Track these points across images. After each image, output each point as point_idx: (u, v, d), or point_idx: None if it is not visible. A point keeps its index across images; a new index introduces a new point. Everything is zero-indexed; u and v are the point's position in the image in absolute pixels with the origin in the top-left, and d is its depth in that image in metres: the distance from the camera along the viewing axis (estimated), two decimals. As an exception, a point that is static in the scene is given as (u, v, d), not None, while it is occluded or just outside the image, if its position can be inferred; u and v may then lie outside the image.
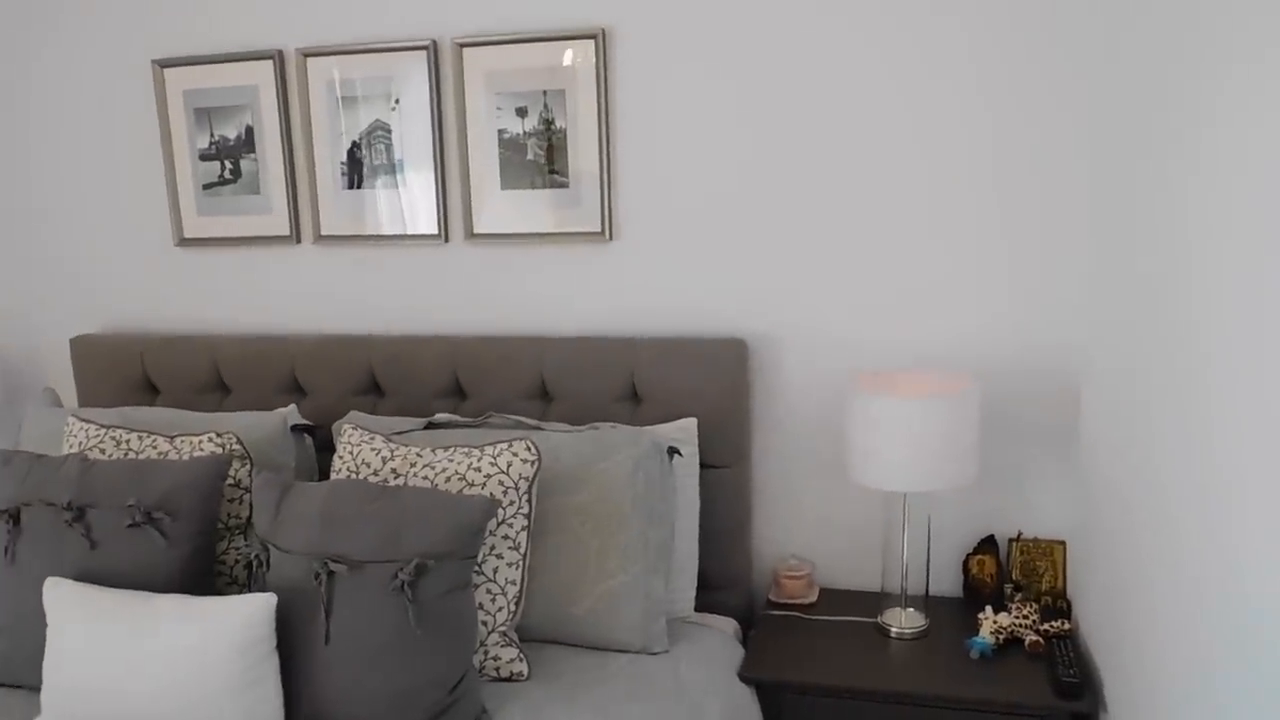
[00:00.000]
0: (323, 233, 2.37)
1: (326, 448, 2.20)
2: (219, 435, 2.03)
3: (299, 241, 2.40)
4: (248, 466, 2.02)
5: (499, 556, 1.82)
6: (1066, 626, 1.95)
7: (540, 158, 2.22)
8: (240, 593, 1.93)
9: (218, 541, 1.96)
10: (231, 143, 2.39)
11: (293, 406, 2.24)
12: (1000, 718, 1.80)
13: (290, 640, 1.65)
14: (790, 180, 2.10)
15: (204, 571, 1.87)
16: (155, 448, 2.03)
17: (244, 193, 2.40)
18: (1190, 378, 1.36)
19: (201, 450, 2.00)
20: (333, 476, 1.97)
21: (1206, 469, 1.29)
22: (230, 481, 1.99)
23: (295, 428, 2.17)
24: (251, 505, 1.95)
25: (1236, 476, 1.19)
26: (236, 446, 2.02)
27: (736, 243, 2.16)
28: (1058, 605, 2.03)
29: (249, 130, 2.36)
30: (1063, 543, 2.09)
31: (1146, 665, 1.55)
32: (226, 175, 2.41)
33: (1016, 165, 2.00)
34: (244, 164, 2.39)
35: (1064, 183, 1.98)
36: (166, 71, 2.38)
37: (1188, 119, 1.37)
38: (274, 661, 1.63)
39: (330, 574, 1.65)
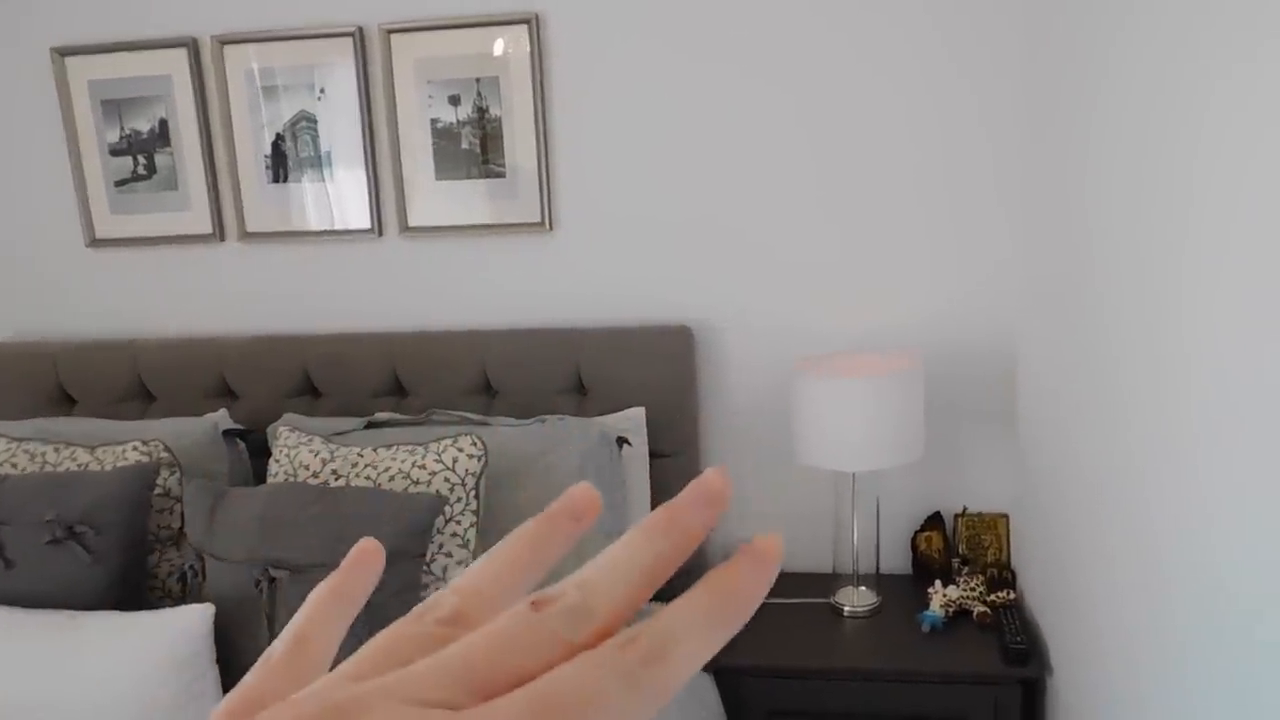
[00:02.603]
0: (248, 229, 2.28)
1: (261, 453, 2.11)
2: (144, 443, 1.93)
3: (223, 240, 2.30)
4: (177, 475, 1.92)
5: (448, 555, 1.77)
6: (1012, 596, 1.99)
7: (475, 147, 2.17)
8: (175, 606, 1.84)
9: (148, 555, 1.86)
10: (144, 136, 2.27)
11: (223, 411, 2.15)
12: (953, 687, 1.83)
13: (232, 651, 1.58)
14: (732, 166, 2.10)
15: (134, 586, 1.78)
16: (74, 459, 1.92)
17: (160, 189, 2.29)
18: (1113, 355, 1.40)
19: (125, 460, 1.90)
20: (269, 481, 1.90)
21: (1129, 441, 1.33)
22: (159, 491, 1.89)
23: (227, 433, 2.08)
24: (183, 515, 1.86)
25: (1155, 449, 1.23)
26: (164, 454, 1.93)
27: (679, 230, 2.14)
28: (1003, 576, 2.07)
29: (163, 123, 2.25)
30: (1005, 516, 2.13)
31: (1086, 629, 1.60)
32: (140, 171, 2.30)
33: (953, 151, 2.02)
34: (159, 159, 2.28)
35: (1000, 167, 2.01)
36: (69, 60, 2.25)
37: (1110, 105, 1.40)
38: (214, 674, 1.56)
39: (272, 581, 1.59)
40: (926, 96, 2.01)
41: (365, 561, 0.34)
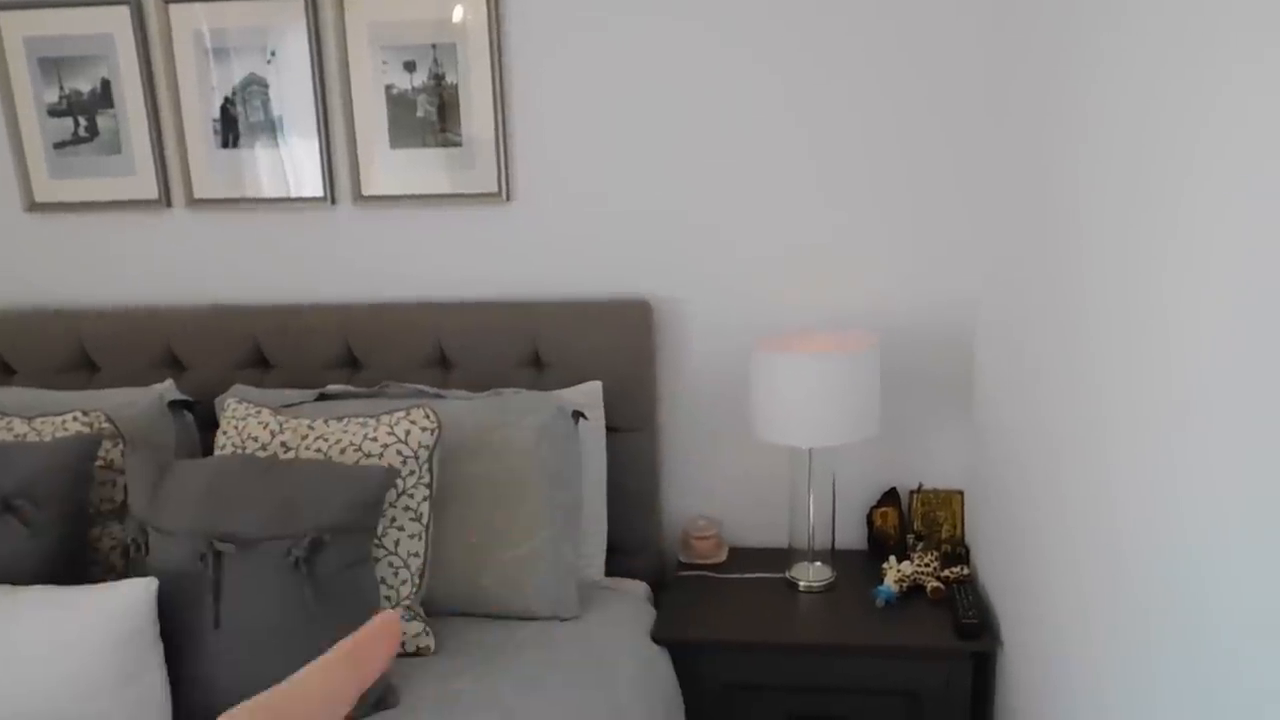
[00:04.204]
0: (196, 196, 2.21)
1: (210, 425, 2.06)
2: (85, 414, 1.87)
3: (169, 205, 2.23)
4: (120, 446, 1.87)
5: (400, 528, 1.74)
6: (966, 572, 2.00)
7: (431, 115, 2.12)
8: (118, 580, 1.79)
9: (89, 528, 1.81)
10: (85, 97, 2.19)
11: (170, 382, 2.09)
12: (906, 661, 1.84)
13: (176, 627, 1.54)
14: (694, 141, 2.07)
15: (75, 561, 1.73)
16: (11, 430, 1.86)
17: (103, 153, 2.21)
18: (1069, 334, 1.40)
19: (65, 431, 1.84)
20: (217, 453, 1.85)
21: (1083, 419, 1.33)
22: (101, 463, 1.83)
23: (173, 404, 2.03)
24: (126, 487, 1.81)
25: (1109, 431, 1.24)
26: (106, 425, 1.87)
27: (639, 204, 2.11)
28: (957, 552, 2.09)
29: (105, 83, 2.17)
30: (960, 492, 2.15)
31: (1036, 604, 1.62)
32: (82, 133, 2.21)
33: (912, 133, 2.02)
34: (101, 120, 2.20)
35: (959, 148, 2.01)
36: (3, 15, 2.14)
37: (1070, 87, 1.40)
38: (158, 650, 1.52)
39: (218, 554, 1.55)
40: (887, 79, 2.00)
41: (383, 634, 0.37)
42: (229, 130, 2.17)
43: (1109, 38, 1.28)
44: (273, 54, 2.12)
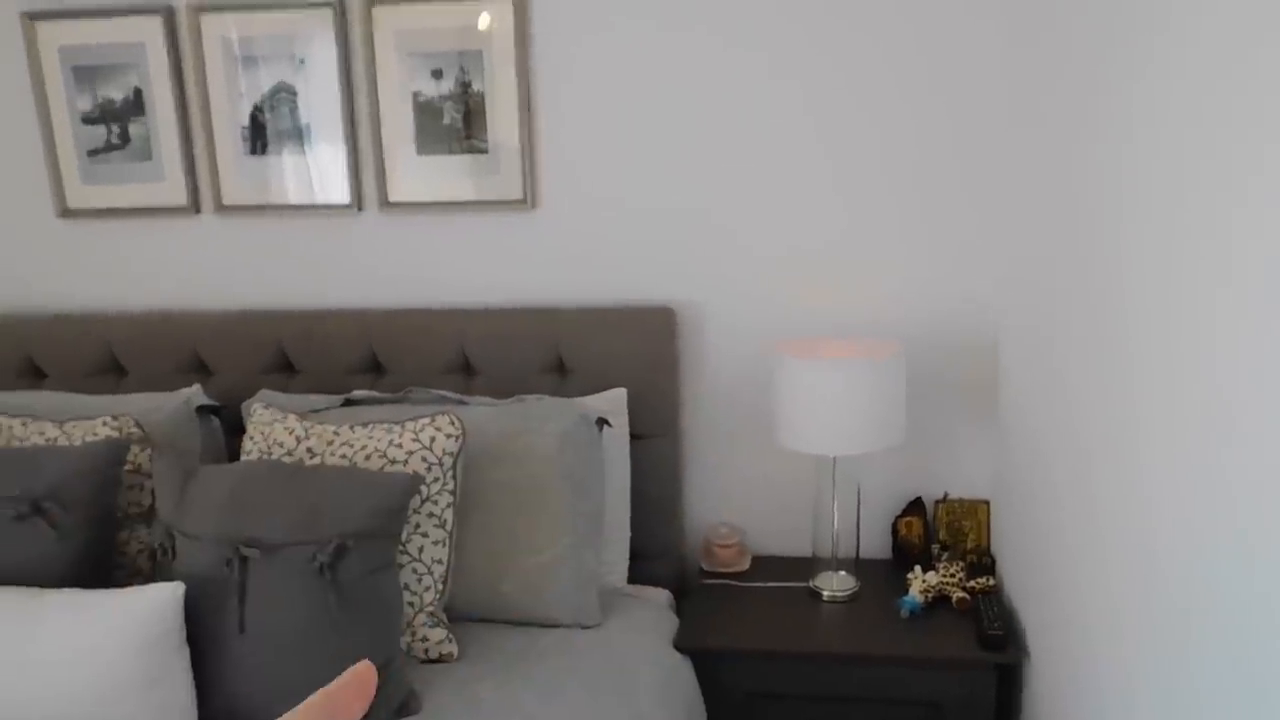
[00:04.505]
0: (224, 202, 2.23)
1: (236, 430, 2.08)
2: (115, 419, 1.90)
3: (198, 212, 2.25)
4: (148, 451, 1.89)
5: (424, 535, 1.75)
6: (991, 583, 1.98)
7: (458, 122, 2.13)
8: (144, 584, 1.81)
9: (117, 532, 1.83)
10: (118, 105, 2.22)
11: (197, 387, 2.11)
12: (929, 672, 1.82)
13: (201, 631, 1.56)
14: (718, 148, 2.07)
15: (102, 564, 1.75)
16: (43, 434, 1.89)
17: (134, 160, 2.24)
18: (1093, 343, 1.38)
19: (95, 435, 1.87)
20: (243, 458, 1.87)
21: (1110, 428, 1.31)
22: (129, 467, 1.85)
23: (201, 409, 2.04)
24: (154, 491, 1.83)
25: (1145, 434, 1.22)
26: (135, 430, 1.89)
27: (662, 210, 2.11)
28: (983, 563, 2.07)
29: (137, 92, 2.20)
30: (986, 502, 2.13)
31: (1064, 616, 1.59)
32: (114, 141, 2.24)
33: (936, 141, 2.00)
34: (133, 128, 2.23)
35: (979, 146, 1.99)
36: (39, 25, 2.19)
37: (1091, 97, 1.38)
38: (184, 654, 1.53)
39: (243, 559, 1.56)
40: (904, 83, 1.99)
41: (357, 685, 0.37)
42: (257, 137, 2.19)
43: (1154, 39, 1.26)
44: (301, 62, 2.14)
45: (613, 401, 2.04)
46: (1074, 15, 1.57)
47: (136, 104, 2.21)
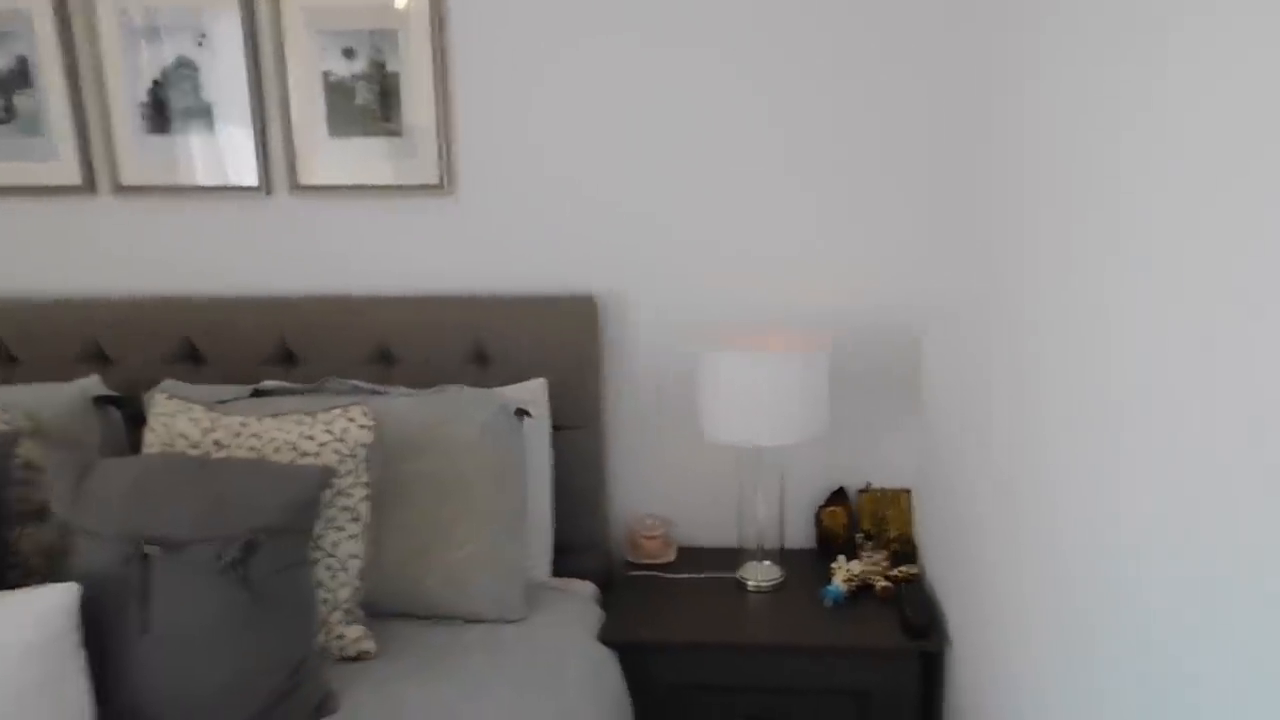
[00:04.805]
0: (123, 183, 2.11)
1: (138, 423, 1.97)
2: (3, 410, 1.77)
3: (95, 192, 2.13)
4: (41, 444, 1.77)
5: (339, 529, 1.68)
6: (914, 571, 2.01)
7: (371, 103, 2.06)
8: (40, 584, 1.70)
9: (8, 530, 1.71)
10: (2, 76, 2.08)
11: (95, 377, 1.99)
12: (854, 661, 1.83)
13: (101, 633, 1.46)
14: (641, 135, 2.04)
15: (-9, 565, 1.63)
16: (-78, 428, 1.75)
17: (21, 135, 2.10)
18: (1013, 337, 1.41)
19: (-19, 428, 1.74)
20: (144, 451, 1.77)
21: (1027, 420, 1.34)
22: (19, 462, 1.74)
23: (99, 400, 1.93)
24: (48, 487, 1.72)
25: (1052, 428, 1.25)
26: (25, 422, 1.77)
27: (586, 198, 2.08)
28: (905, 551, 2.09)
29: (22, 61, 2.06)
30: (908, 491, 2.15)
31: (983, 603, 1.62)
32: (-1, 114, 2.10)
33: (862, 136, 2.01)
34: (18, 101, 2.08)
35: (908, 153, 2.01)
36: (-86, -9, 2.04)
37: (1014, 95, 1.40)
38: (79, 658, 1.43)
39: (144, 557, 1.48)
40: (838, 81, 1.99)
41: None
42: (158, 114, 2.08)
43: (1044, 56, 1.28)
44: (204, 36, 2.04)
45: (533, 392, 2.00)
46: (988, 35, 1.58)
47: (22, 75, 2.07)
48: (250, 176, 2.10)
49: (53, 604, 1.42)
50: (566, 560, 2.06)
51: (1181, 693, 0.93)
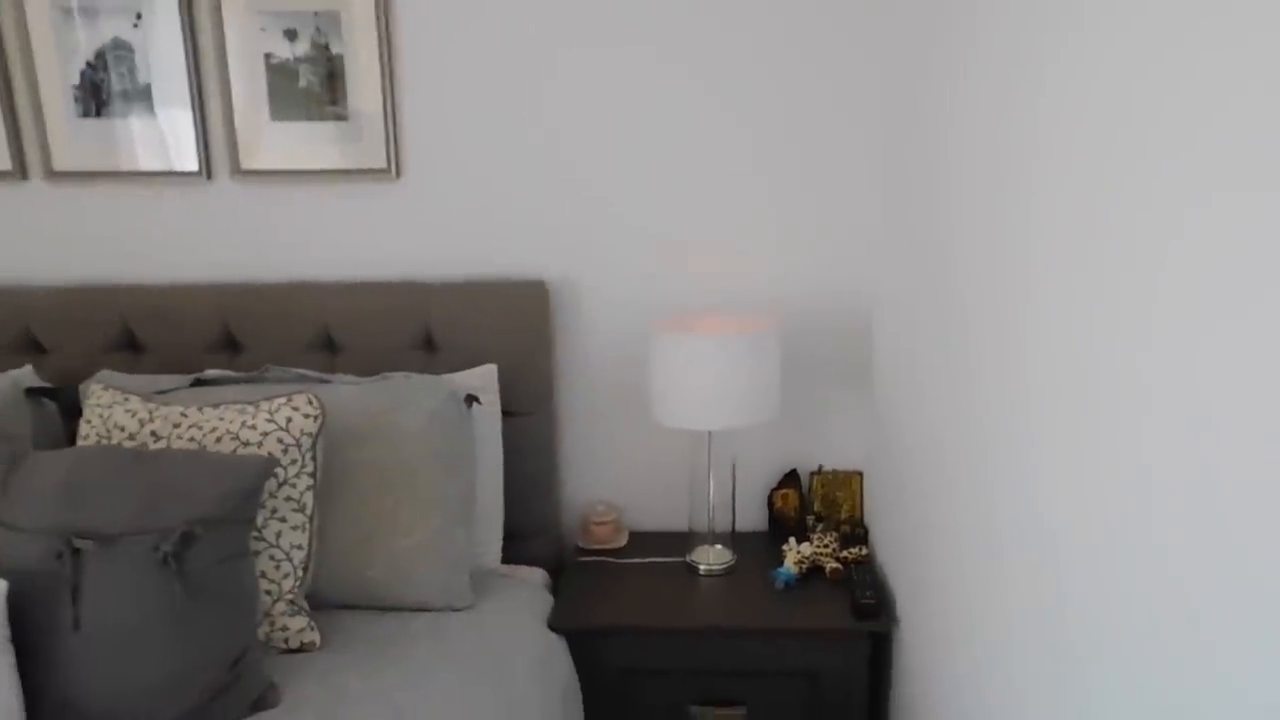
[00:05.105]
0: (55, 168, 2.05)
1: (75, 415, 1.92)
2: (-71, 402, 1.72)
3: (25, 178, 2.07)
4: (-32, 437, 1.72)
5: (282, 520, 1.65)
6: (864, 552, 2.02)
7: (315, 86, 2.01)
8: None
9: (-66, 526, 1.66)
10: (-73, 58, 2.01)
11: (28, 368, 1.94)
12: (805, 642, 1.84)
13: (29, 630, 1.43)
14: (590, 119, 2.02)
15: (-84, 562, 1.58)
16: None
17: (-53, 119, 2.04)
18: (961, 321, 1.41)
19: (-94, 420, 1.69)
20: (79, 444, 1.73)
21: (972, 404, 1.34)
22: (-54, 455, 1.68)
23: (31, 391, 1.88)
24: (-24, 481, 1.67)
25: (995, 412, 1.25)
26: (-48, 414, 1.72)
27: (535, 182, 2.05)
28: (856, 533, 2.10)
29: (-53, 42, 2.00)
30: (859, 474, 2.16)
31: (930, 583, 1.63)
32: (-74, 99, 2.03)
33: (813, 119, 2.00)
34: (-55, 84, 2.02)
35: (859, 135, 2.01)
36: None
37: (964, 79, 1.41)
38: (8, 657, 1.40)
39: (76, 551, 1.44)
40: (789, 64, 1.98)
41: None
42: (92, 97, 2.02)
43: (967, 51, 1.28)
44: (139, 16, 1.98)
45: (483, 378, 1.98)
46: (921, 30, 1.59)
47: (-52, 57, 2.00)
48: (190, 161, 2.05)
49: (-20, 600, 1.38)
50: (517, 546, 2.05)
51: (1092, 678, 0.94)
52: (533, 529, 2.08)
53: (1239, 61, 0.70)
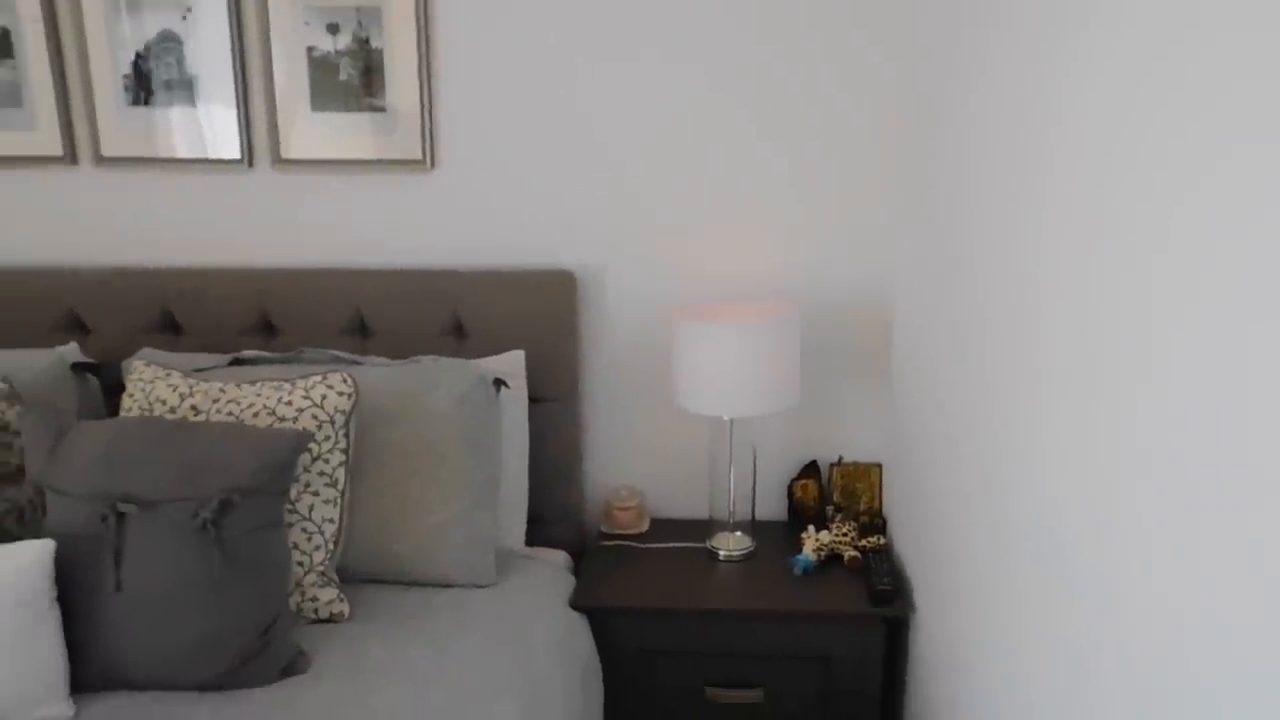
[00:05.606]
0: (104, 154, 2.13)
1: (116, 391, 1.99)
2: (-20, 374, 1.79)
3: (76, 163, 2.14)
4: (16, 408, 1.79)
5: (315, 494, 1.70)
6: (882, 541, 2.04)
7: (355, 79, 2.08)
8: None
9: (-18, 492, 1.73)
10: (-17, 48, 2.10)
11: (73, 345, 2.01)
12: (821, 626, 1.87)
13: (74, 590, 1.49)
14: (619, 113, 2.07)
15: (-34, 525, 1.65)
16: (-99, 391, 1.77)
17: (1, 106, 2.12)
18: (978, 316, 1.44)
19: (-42, 391, 1.76)
20: (122, 415, 1.79)
21: (987, 398, 1.37)
22: (-4, 424, 1.76)
23: (76, 366, 1.95)
24: (23, 450, 1.74)
25: (1009, 406, 1.28)
26: (1, 385, 1.79)
27: (563, 174, 2.10)
28: (874, 523, 2.13)
29: (3, 32, 2.08)
30: (879, 465, 2.19)
31: (946, 571, 1.66)
32: (-20, 86, 2.12)
33: (836, 110, 2.04)
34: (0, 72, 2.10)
35: (881, 129, 2.04)
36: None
37: (985, 78, 1.44)
38: (54, 615, 1.46)
39: (120, 515, 1.50)
40: (810, 60, 2.02)
41: None
42: (141, 87, 2.10)
43: (987, 49, 1.31)
44: (188, 10, 2.06)
45: (511, 364, 2.03)
46: (945, 27, 1.62)
47: (3, 45, 2.08)
48: (233, 149, 2.12)
49: (27, 561, 1.44)
50: (540, 530, 2.09)
51: (1103, 660, 0.96)
52: (556, 513, 2.13)
53: (1255, 69, 0.74)
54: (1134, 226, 0.92)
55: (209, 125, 2.12)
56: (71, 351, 1.97)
